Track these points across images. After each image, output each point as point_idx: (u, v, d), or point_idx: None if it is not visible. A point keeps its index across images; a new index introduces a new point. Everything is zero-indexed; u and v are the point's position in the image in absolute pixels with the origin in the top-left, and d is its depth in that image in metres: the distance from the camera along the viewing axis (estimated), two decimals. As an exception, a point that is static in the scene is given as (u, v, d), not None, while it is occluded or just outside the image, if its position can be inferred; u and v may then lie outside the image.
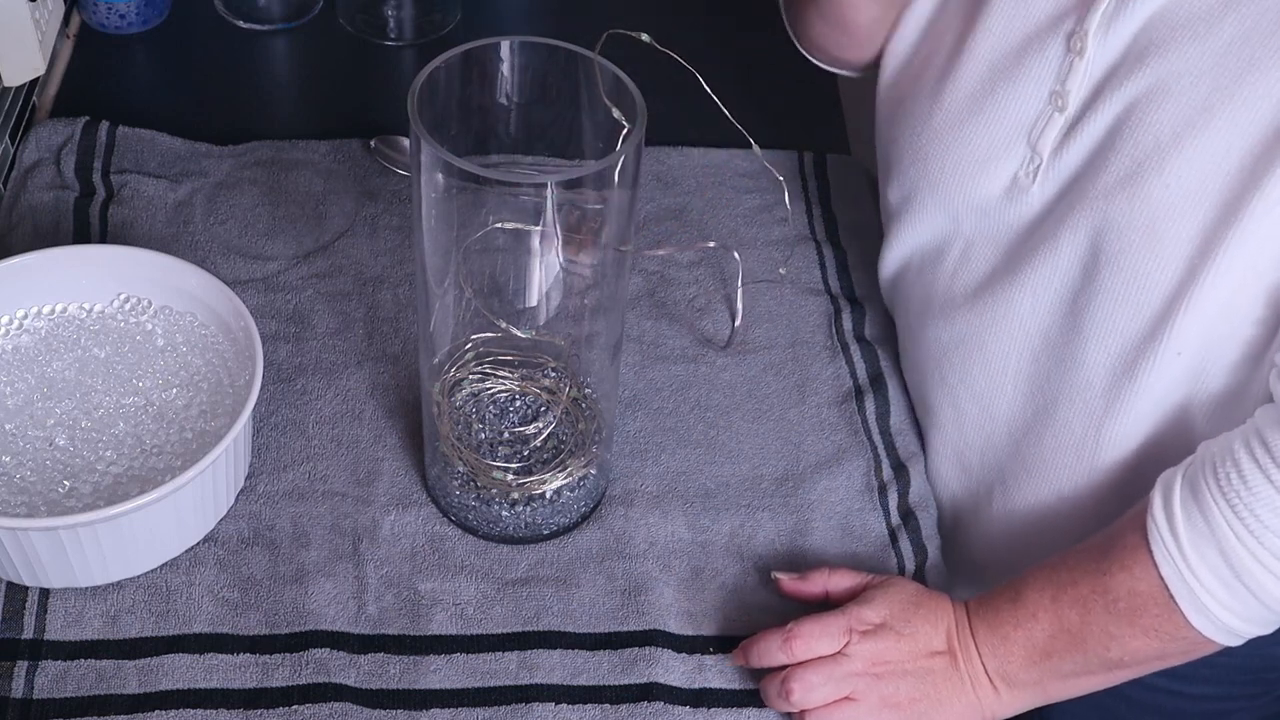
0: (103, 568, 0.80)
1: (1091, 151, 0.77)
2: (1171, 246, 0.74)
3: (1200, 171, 0.72)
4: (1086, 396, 0.81)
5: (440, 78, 0.73)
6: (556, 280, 0.81)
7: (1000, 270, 0.84)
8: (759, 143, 0.92)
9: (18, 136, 1.07)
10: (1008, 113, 0.81)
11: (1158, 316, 0.76)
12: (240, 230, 1.01)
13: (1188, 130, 0.73)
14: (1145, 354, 0.77)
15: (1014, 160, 0.81)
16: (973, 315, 0.87)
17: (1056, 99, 0.78)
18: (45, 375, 0.85)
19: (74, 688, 0.78)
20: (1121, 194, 0.75)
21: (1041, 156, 0.80)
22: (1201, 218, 0.73)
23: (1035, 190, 0.81)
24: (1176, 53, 0.73)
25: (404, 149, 1.07)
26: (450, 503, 0.86)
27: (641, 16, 0.91)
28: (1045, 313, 0.82)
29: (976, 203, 0.84)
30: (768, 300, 1.01)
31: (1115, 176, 0.76)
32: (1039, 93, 0.79)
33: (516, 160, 0.80)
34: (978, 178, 0.83)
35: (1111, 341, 0.78)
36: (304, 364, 0.94)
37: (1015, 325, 0.84)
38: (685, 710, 0.80)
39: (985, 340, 0.86)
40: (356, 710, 0.78)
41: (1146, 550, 0.73)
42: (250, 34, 1.18)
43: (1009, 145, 0.81)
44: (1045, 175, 0.80)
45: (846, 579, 0.82)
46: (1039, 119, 0.80)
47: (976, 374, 0.87)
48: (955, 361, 0.89)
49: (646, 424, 0.93)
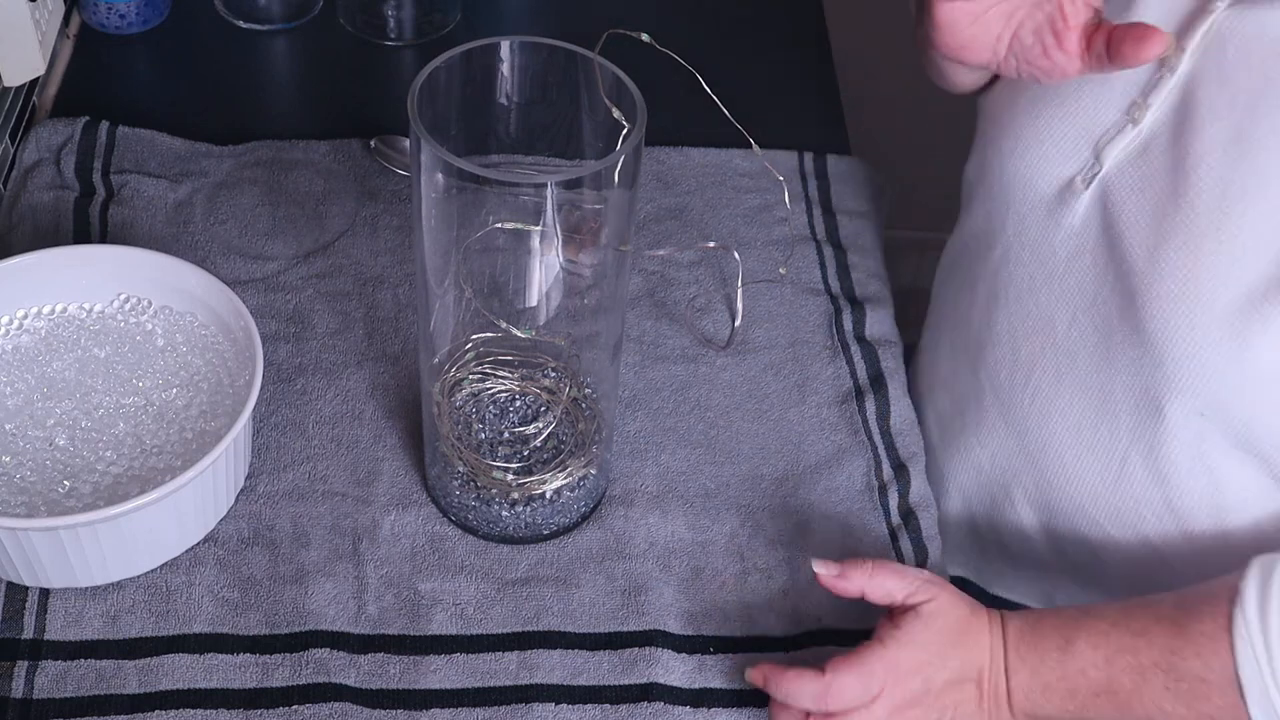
0: (103, 568, 0.80)
1: (1157, 182, 0.75)
2: (1210, 303, 0.72)
3: (1258, 236, 0.70)
4: (1110, 434, 0.81)
5: (440, 78, 0.73)
6: (556, 280, 0.81)
7: (1039, 278, 0.83)
8: (759, 143, 0.92)
9: (18, 136, 1.07)
10: (1081, 114, 0.79)
11: (1182, 372, 0.74)
12: (240, 230, 1.01)
13: (1260, 191, 0.70)
14: (1166, 409, 0.76)
15: (1075, 163, 0.79)
16: (1010, 317, 0.86)
17: (1134, 110, 0.76)
18: (45, 375, 0.85)
19: (74, 688, 0.78)
20: (1174, 238, 0.73)
21: (1102, 166, 0.78)
22: (1249, 284, 0.70)
23: (1085, 198, 0.79)
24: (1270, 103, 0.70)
25: (404, 149, 1.07)
26: (450, 503, 0.86)
27: (641, 16, 0.91)
28: (1080, 331, 0.81)
29: (1029, 195, 0.82)
30: (768, 300, 1.01)
31: (1171, 218, 0.73)
32: (1118, 101, 0.77)
33: (516, 160, 0.80)
34: (1038, 168, 0.81)
35: (1136, 386, 0.77)
36: (304, 364, 0.94)
37: (1049, 334, 0.83)
38: (685, 710, 0.80)
39: (1018, 344, 0.85)
40: (356, 710, 0.78)
41: (1228, 643, 0.69)
42: (250, 34, 1.18)
43: (1075, 147, 0.79)
44: (1100, 187, 0.78)
45: (889, 583, 0.76)
46: (1110, 128, 0.78)
47: (1002, 373, 0.87)
48: (989, 360, 0.88)
49: (646, 424, 0.93)
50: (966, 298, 0.91)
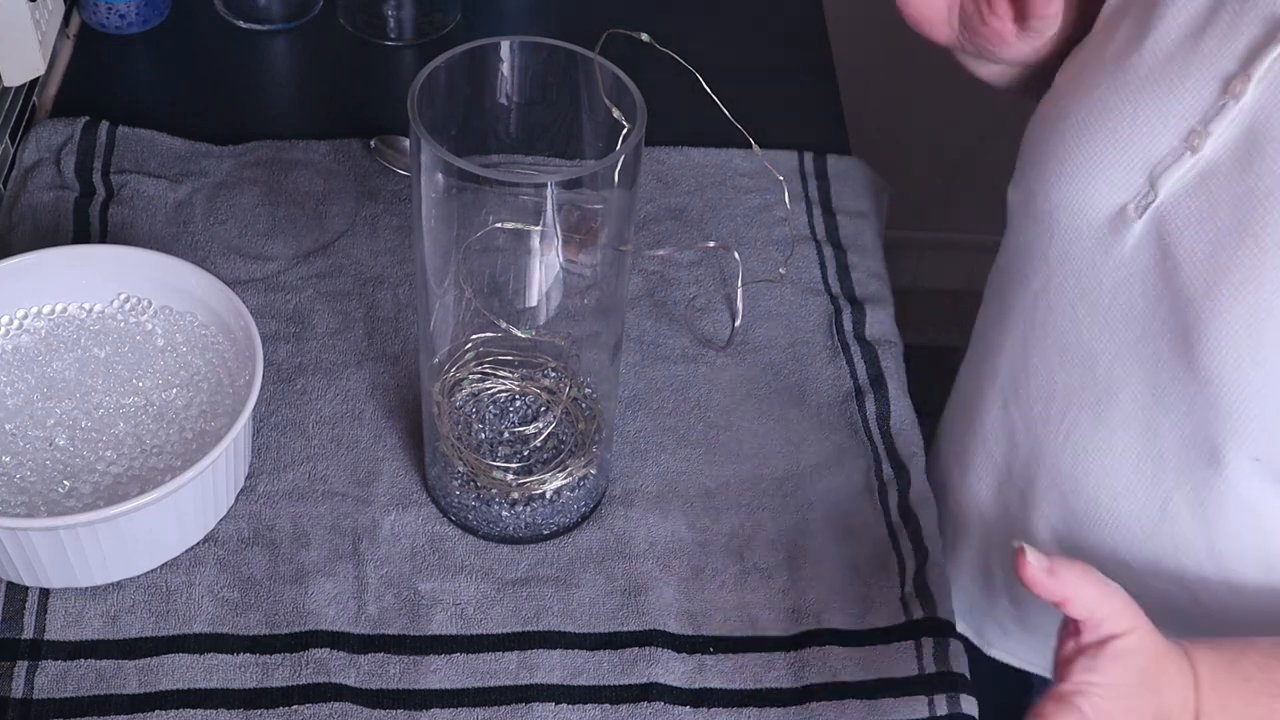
0: (103, 568, 0.80)
1: (1219, 214, 0.72)
2: (1275, 344, 0.69)
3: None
4: (1154, 476, 0.78)
5: (440, 78, 0.73)
6: (556, 280, 0.81)
7: (1081, 309, 0.80)
8: (759, 143, 0.92)
9: (18, 136, 1.07)
10: (1135, 140, 0.75)
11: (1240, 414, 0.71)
12: (240, 230, 1.01)
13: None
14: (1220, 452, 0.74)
15: (1127, 191, 0.75)
16: (1047, 349, 0.83)
17: (1193, 138, 0.73)
18: (45, 375, 0.85)
19: (74, 688, 0.78)
20: (1235, 274, 0.70)
21: (1158, 194, 0.74)
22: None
23: (1138, 227, 0.75)
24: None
25: (404, 149, 1.07)
26: (450, 503, 0.86)
27: (641, 16, 0.91)
28: (1125, 366, 0.77)
29: (1076, 222, 0.79)
30: (768, 300, 1.01)
31: (1234, 252, 0.70)
32: (1176, 128, 0.73)
33: (516, 160, 0.80)
34: (1087, 195, 0.78)
35: (1187, 427, 0.75)
36: (304, 364, 0.94)
37: (1089, 368, 0.80)
38: (685, 710, 0.80)
39: (1054, 377, 0.82)
40: (356, 710, 0.78)
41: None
42: (250, 34, 1.18)
43: (1128, 174, 0.75)
44: (1154, 217, 0.74)
45: (1092, 595, 0.65)
46: (1167, 155, 0.74)
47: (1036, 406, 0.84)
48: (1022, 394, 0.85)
49: (646, 424, 0.93)
50: (998, 328, 0.88)
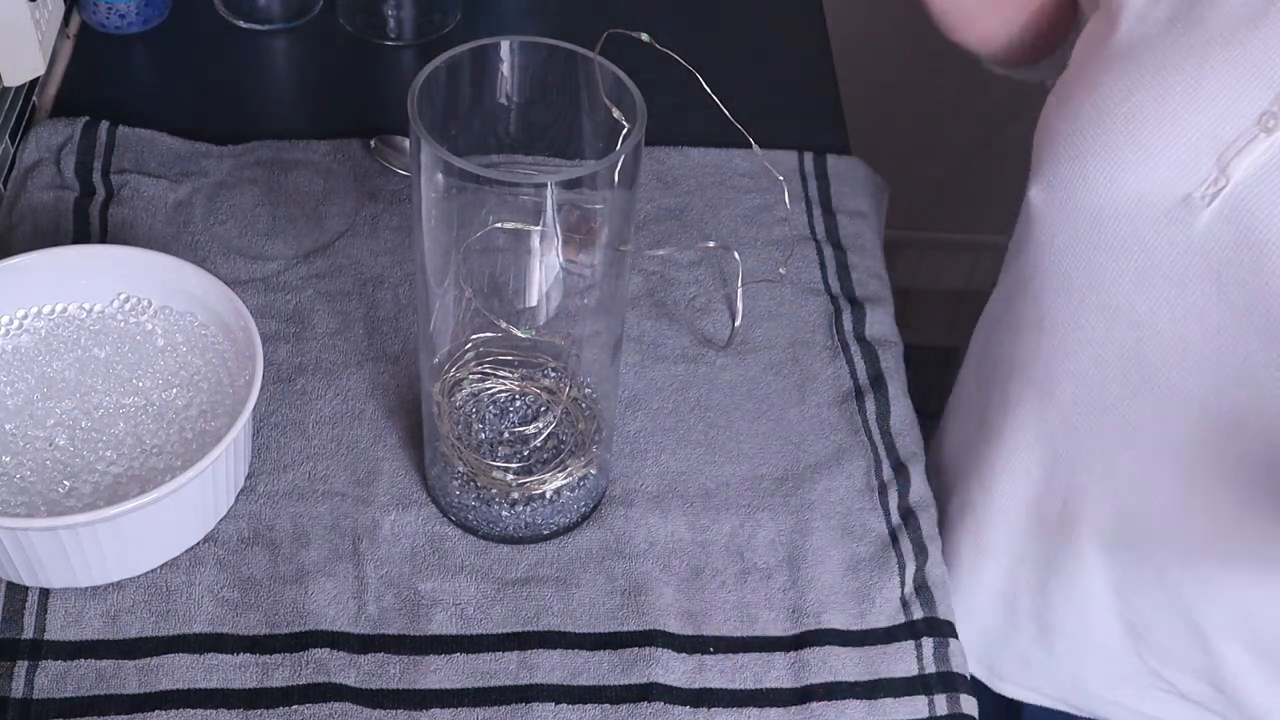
0: (103, 568, 0.80)
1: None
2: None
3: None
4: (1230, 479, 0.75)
5: (440, 78, 0.73)
6: (556, 280, 0.81)
7: (1141, 308, 0.77)
8: (759, 143, 0.92)
9: (18, 136, 1.07)
10: (1203, 121, 0.72)
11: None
12: (240, 230, 1.01)
13: None
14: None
15: (1195, 178, 0.72)
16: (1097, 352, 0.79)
17: (1267, 120, 0.70)
18: (45, 375, 0.85)
19: (74, 688, 0.78)
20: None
21: (1229, 179, 0.71)
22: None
23: (1207, 215, 0.72)
24: None
25: (404, 149, 1.07)
26: (450, 503, 0.86)
27: (641, 16, 0.91)
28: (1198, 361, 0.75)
29: (1132, 216, 0.75)
30: (768, 300, 1.01)
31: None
32: (1248, 109, 0.70)
33: (516, 160, 0.80)
34: (1144, 186, 0.74)
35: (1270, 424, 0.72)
36: (304, 364, 0.94)
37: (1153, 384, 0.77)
38: (685, 710, 0.80)
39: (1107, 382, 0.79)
40: (356, 710, 0.78)
41: None
42: (250, 34, 1.18)
43: (1195, 159, 0.72)
44: (1227, 201, 0.71)
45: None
46: (1239, 138, 0.71)
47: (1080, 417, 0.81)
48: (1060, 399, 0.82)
49: (646, 424, 0.93)
50: (1028, 342, 0.84)
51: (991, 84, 1.14)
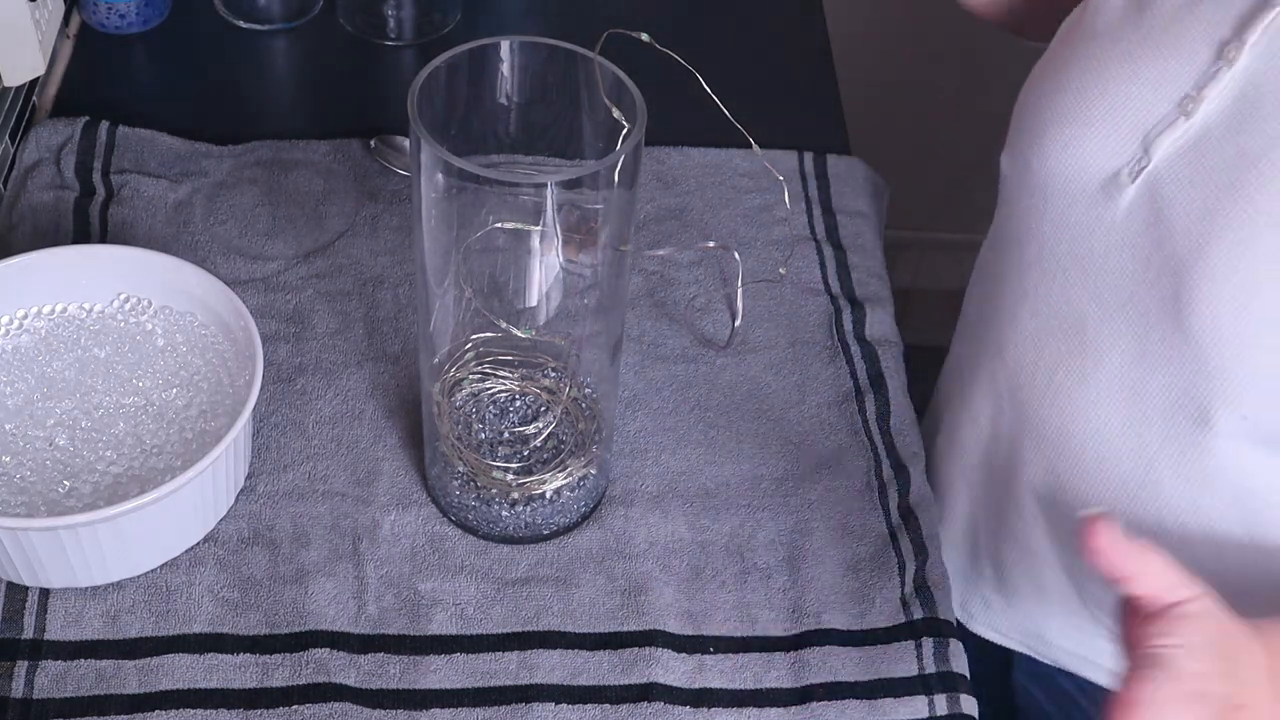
0: (103, 568, 0.80)
1: (1211, 177, 0.73)
2: (1265, 304, 0.70)
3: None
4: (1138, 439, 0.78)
5: (440, 78, 0.73)
6: (556, 280, 0.81)
7: (1073, 274, 0.81)
8: (759, 143, 0.92)
9: (18, 136, 1.07)
10: (1129, 106, 0.77)
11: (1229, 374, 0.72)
12: (240, 230, 1.01)
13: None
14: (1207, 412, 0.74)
15: (1122, 156, 0.77)
16: (1037, 315, 0.84)
17: (1187, 104, 0.74)
18: (45, 375, 0.85)
19: (74, 688, 0.78)
20: (1227, 235, 0.71)
21: (1151, 159, 0.75)
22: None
23: (1131, 192, 0.76)
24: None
25: (404, 149, 1.07)
26: (450, 503, 0.86)
27: (641, 16, 0.91)
28: (1113, 329, 0.78)
29: (1071, 187, 0.80)
30: (768, 300, 1.01)
31: (1225, 214, 0.71)
32: (1170, 93, 0.75)
33: (516, 160, 0.80)
34: (1082, 161, 0.79)
35: (1174, 388, 0.75)
36: (304, 364, 0.94)
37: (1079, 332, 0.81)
38: (685, 710, 0.80)
39: (1042, 343, 0.83)
40: (356, 710, 0.78)
41: None
42: (250, 34, 1.18)
43: (1122, 140, 0.77)
44: (1148, 181, 0.76)
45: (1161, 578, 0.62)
46: (1161, 120, 0.75)
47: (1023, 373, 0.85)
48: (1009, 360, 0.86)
49: (646, 424, 0.93)
50: (992, 299, 0.89)
51: (991, 84, 1.14)
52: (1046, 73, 0.84)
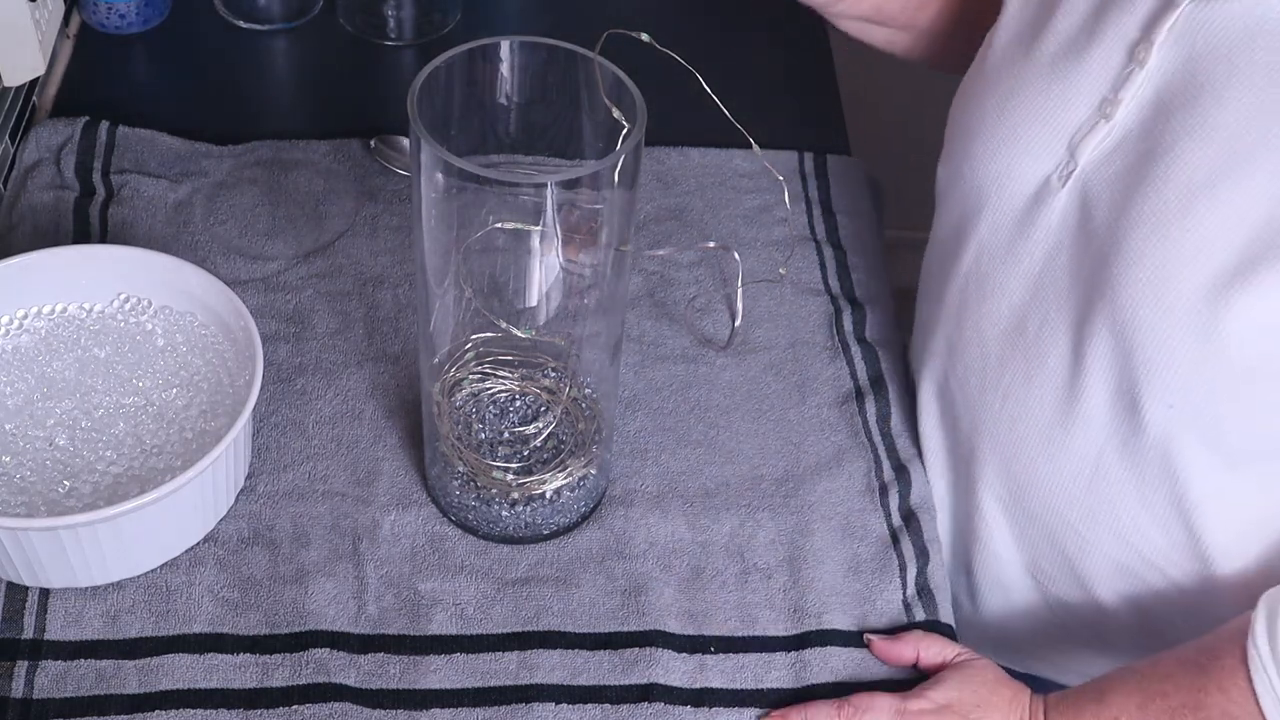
0: (103, 568, 0.80)
1: (1129, 174, 0.75)
2: (1178, 290, 0.72)
3: (1223, 221, 0.70)
4: (1083, 433, 0.80)
5: (440, 78, 0.73)
6: (556, 280, 0.81)
7: (1013, 278, 0.82)
8: (759, 143, 0.92)
9: (18, 136, 1.07)
10: (1054, 112, 0.79)
11: (1152, 363, 0.74)
12: (240, 230, 1.01)
13: (1224, 175, 0.70)
14: (1138, 402, 0.76)
15: (1051, 161, 0.79)
16: (981, 320, 0.85)
17: (1106, 106, 0.76)
18: (45, 375, 0.85)
19: (74, 688, 0.78)
20: (1142, 227, 0.73)
21: (1077, 163, 0.78)
22: (1215, 270, 0.70)
23: (1062, 196, 0.78)
24: (1234, 92, 0.70)
25: (404, 149, 1.07)
26: (450, 503, 0.86)
27: (641, 16, 0.91)
28: (1052, 329, 0.80)
29: (1004, 195, 0.82)
30: (768, 300, 1.01)
31: (1140, 207, 0.73)
32: (1090, 97, 0.77)
33: (516, 160, 0.80)
34: (1013, 167, 0.81)
35: (1109, 382, 0.77)
36: (304, 364, 0.94)
37: (1020, 334, 0.82)
38: (685, 710, 0.80)
39: (988, 347, 0.85)
40: (356, 710, 0.78)
41: (1245, 676, 0.71)
42: (250, 34, 1.18)
43: (1050, 144, 0.79)
44: (1076, 184, 0.78)
45: (935, 646, 0.82)
46: (1084, 124, 0.77)
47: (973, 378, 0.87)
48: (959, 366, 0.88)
49: (646, 424, 0.93)
50: (938, 305, 0.91)
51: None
52: (973, 86, 0.87)
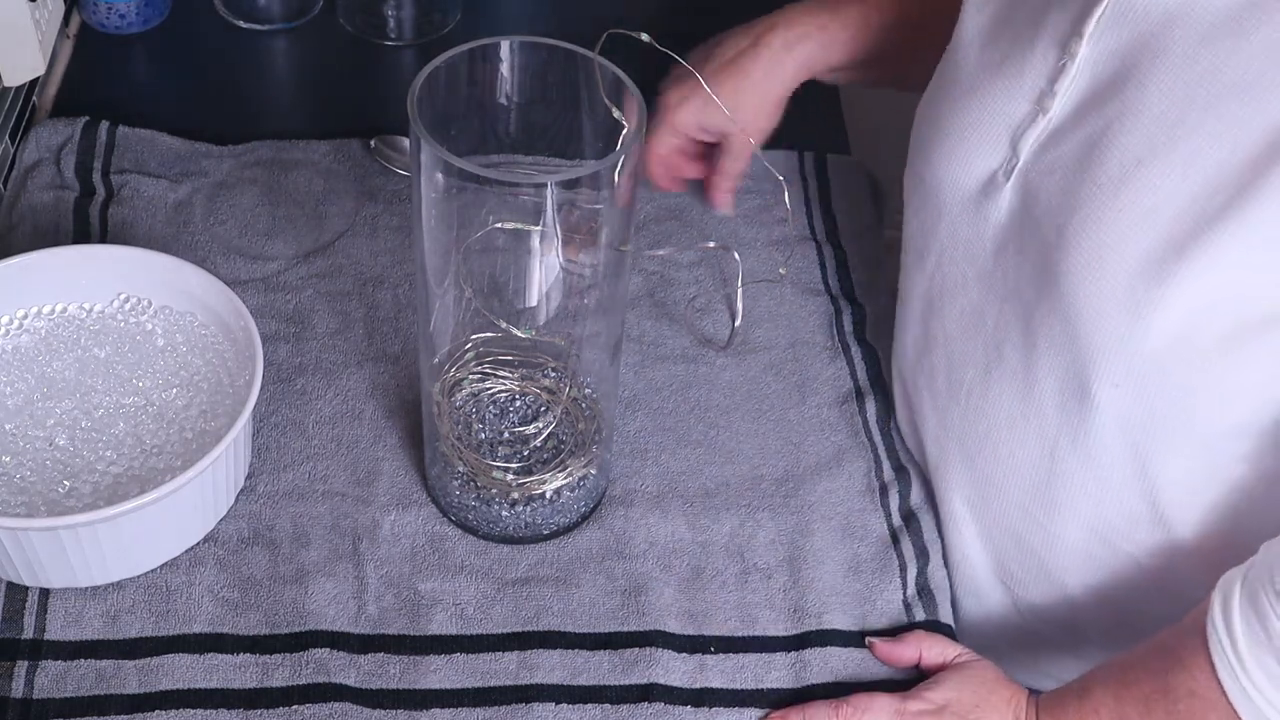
0: (103, 568, 0.80)
1: (1065, 163, 0.77)
2: (1115, 270, 0.73)
3: (1151, 201, 0.72)
4: (1039, 423, 0.81)
5: (440, 78, 0.73)
6: (556, 280, 0.81)
7: (970, 276, 0.84)
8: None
9: (18, 136, 1.07)
10: (998, 108, 0.80)
11: (1095, 343, 0.75)
12: (240, 230, 1.01)
13: (1150, 156, 0.72)
14: (1087, 385, 0.77)
15: (996, 157, 0.81)
16: (944, 319, 0.86)
17: (1043, 100, 0.78)
18: (45, 375, 0.85)
19: (74, 688, 0.78)
20: (1079, 212, 0.75)
21: (1019, 157, 0.79)
22: (1148, 247, 0.72)
23: (1008, 190, 0.80)
24: (1156, 76, 0.72)
25: (404, 149, 1.07)
26: (450, 503, 0.86)
27: (641, 16, 0.91)
28: (1006, 321, 0.81)
29: (958, 195, 0.83)
30: (768, 300, 1.01)
31: (1078, 193, 0.75)
32: (1030, 92, 0.79)
33: (516, 160, 0.80)
34: (964, 167, 0.83)
35: (1059, 368, 0.78)
36: (304, 364, 0.94)
37: (979, 330, 0.83)
38: (685, 710, 0.80)
39: (952, 346, 0.86)
40: (356, 710, 0.78)
41: (1206, 654, 0.72)
42: (250, 34, 1.18)
43: (995, 141, 0.81)
44: (1019, 178, 0.79)
45: (937, 647, 0.83)
46: (1024, 119, 0.79)
47: (939, 378, 0.88)
48: (926, 367, 0.89)
49: (646, 424, 0.93)
50: (907, 309, 0.92)
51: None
52: (931, 93, 0.88)
